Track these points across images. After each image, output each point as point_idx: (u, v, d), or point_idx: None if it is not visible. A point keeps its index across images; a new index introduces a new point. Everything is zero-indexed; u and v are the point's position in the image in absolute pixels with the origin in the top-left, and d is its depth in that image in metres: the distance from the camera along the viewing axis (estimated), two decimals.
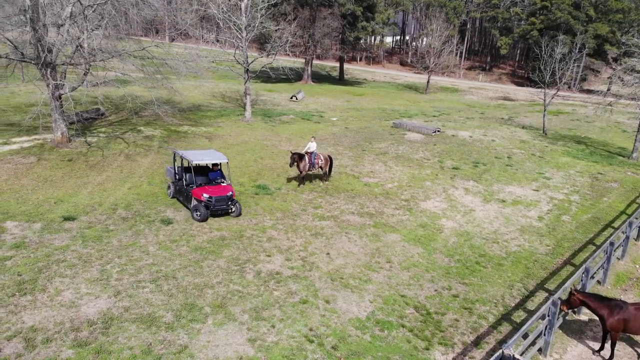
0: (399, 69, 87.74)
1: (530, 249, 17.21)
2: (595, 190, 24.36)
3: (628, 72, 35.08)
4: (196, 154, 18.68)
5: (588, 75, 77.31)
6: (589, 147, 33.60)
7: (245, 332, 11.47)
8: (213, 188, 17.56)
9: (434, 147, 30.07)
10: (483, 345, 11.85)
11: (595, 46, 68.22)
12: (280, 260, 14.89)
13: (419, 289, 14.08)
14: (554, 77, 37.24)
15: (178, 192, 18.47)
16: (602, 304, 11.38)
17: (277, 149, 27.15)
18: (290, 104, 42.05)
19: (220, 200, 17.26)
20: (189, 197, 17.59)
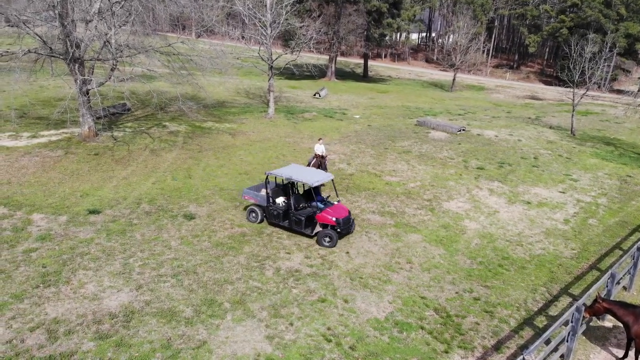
0: (424, 66, 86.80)
1: (555, 252, 16.83)
2: (624, 193, 23.68)
3: None
4: (300, 173, 16.39)
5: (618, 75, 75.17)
6: (618, 149, 32.67)
7: (264, 329, 11.52)
8: (333, 209, 16.11)
9: (459, 146, 29.65)
10: (504, 349, 11.65)
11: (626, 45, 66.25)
12: (300, 258, 14.90)
13: (439, 290, 13.91)
14: (583, 76, 36.28)
15: (276, 217, 16.36)
16: (627, 311, 11.05)
17: (299, 146, 27.17)
18: (313, 101, 42.04)
19: (346, 222, 16.05)
20: (300, 222, 15.82)
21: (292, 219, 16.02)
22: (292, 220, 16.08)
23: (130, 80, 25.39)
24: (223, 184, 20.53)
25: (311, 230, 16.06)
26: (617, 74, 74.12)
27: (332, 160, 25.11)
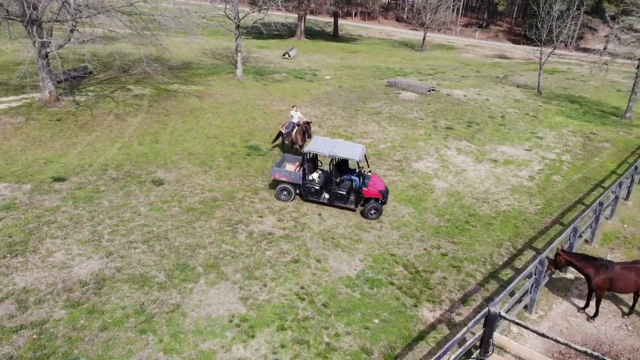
0: (395, 25, 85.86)
1: (520, 208, 17.38)
2: (587, 150, 24.42)
3: (625, 30, 34.49)
4: (341, 149, 15.77)
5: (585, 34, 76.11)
6: (582, 107, 33.44)
7: (238, 291, 11.65)
8: (374, 182, 16.06)
9: (428, 106, 29.81)
10: (470, 302, 12.13)
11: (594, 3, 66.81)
12: (273, 221, 14.98)
13: (408, 248, 14.27)
14: (550, 35, 36.57)
15: (314, 194, 15.97)
16: (589, 263, 11.58)
17: (269, 108, 26.84)
18: (283, 62, 41.29)
19: (386, 193, 16.09)
20: (343, 197, 15.59)
21: (334, 193, 15.69)
22: (333, 195, 15.73)
23: (91, 42, 24.32)
24: (191, 148, 20.23)
25: (355, 204, 15.82)
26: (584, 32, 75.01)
27: None
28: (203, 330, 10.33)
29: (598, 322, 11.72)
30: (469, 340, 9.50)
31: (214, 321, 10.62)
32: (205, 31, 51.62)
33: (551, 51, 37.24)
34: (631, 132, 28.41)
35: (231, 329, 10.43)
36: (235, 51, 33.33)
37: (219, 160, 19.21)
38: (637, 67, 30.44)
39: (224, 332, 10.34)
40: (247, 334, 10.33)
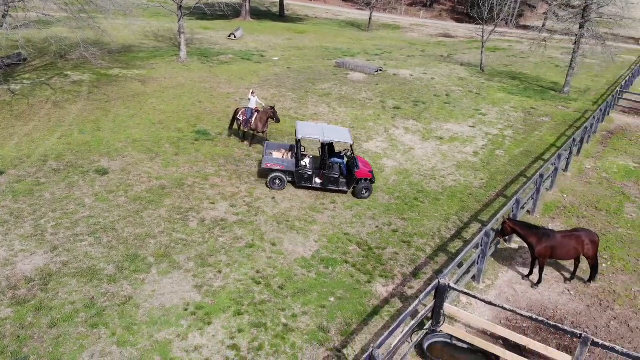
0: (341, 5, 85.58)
1: (465, 183, 18.00)
2: (528, 124, 25.49)
3: (563, 7, 35.88)
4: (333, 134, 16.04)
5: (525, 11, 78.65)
6: (523, 83, 34.75)
7: (191, 279, 11.53)
8: (363, 163, 16.29)
9: (377, 87, 30.11)
10: (421, 275, 12.54)
11: None
12: (225, 207, 14.83)
13: (361, 226, 14.53)
14: (492, 13, 37.61)
15: (307, 179, 15.96)
16: (531, 232, 12.18)
17: (217, 91, 26.30)
18: (229, 43, 40.41)
19: (373, 173, 16.36)
20: (336, 180, 15.84)
21: (327, 177, 15.79)
22: (326, 179, 15.82)
23: (25, 27, 22.92)
24: (136, 135, 19.59)
25: (348, 186, 16.00)
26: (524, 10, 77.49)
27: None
28: (157, 321, 10.19)
29: (542, 289, 12.42)
30: (421, 312, 9.87)
31: (169, 311, 10.48)
32: (146, 13, 49.64)
33: (492, 29, 38.33)
34: (569, 106, 29.85)
35: (186, 318, 10.34)
36: (178, 33, 32.29)
37: (165, 147, 18.73)
38: (574, 43, 31.85)
39: (179, 321, 10.23)
40: (203, 321, 10.28)
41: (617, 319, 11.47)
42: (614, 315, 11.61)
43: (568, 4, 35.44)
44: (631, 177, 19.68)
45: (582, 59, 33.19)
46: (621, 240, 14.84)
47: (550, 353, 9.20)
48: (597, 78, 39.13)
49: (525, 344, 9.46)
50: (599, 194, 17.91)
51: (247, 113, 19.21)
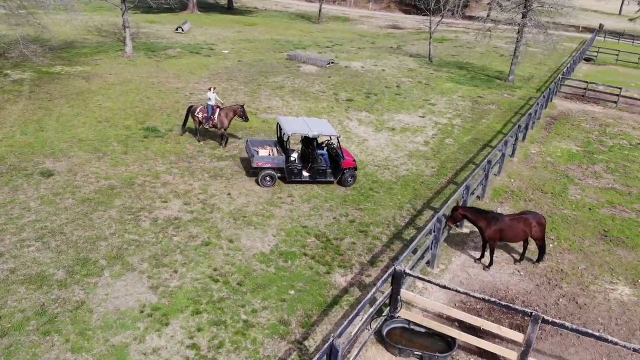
0: None
1: (417, 172, 18.41)
2: (475, 113, 26.29)
3: None
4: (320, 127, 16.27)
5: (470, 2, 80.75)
6: (470, 72, 35.77)
7: (146, 280, 11.26)
8: (346, 153, 16.55)
9: (329, 79, 30.21)
10: (378, 263, 12.77)
11: None
12: (178, 205, 14.53)
13: (319, 218, 14.60)
14: (438, 4, 38.41)
15: (297, 174, 16.22)
16: (481, 216, 12.61)
17: (165, 86, 25.65)
18: (176, 36, 39.43)
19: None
20: (324, 171, 16.24)
21: (316, 169, 16.12)
22: (315, 172, 16.14)
23: None
24: (81, 134, 18.85)
25: (334, 176, 16.41)
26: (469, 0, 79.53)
27: (203, 100, 24.18)
28: (113, 324, 9.91)
29: (493, 271, 12.90)
30: (379, 299, 10.05)
31: (124, 314, 10.21)
32: (88, 7, 47.70)
33: (439, 20, 39.18)
34: (514, 93, 30.99)
35: (143, 320, 10.10)
36: (122, 27, 31.20)
37: (113, 145, 18.13)
38: (518, 32, 33.02)
39: (135, 323, 9.99)
40: (160, 322, 10.07)
41: (565, 297, 12.08)
42: (562, 293, 12.22)
43: None
44: (574, 160, 20.70)
45: (525, 47, 34.45)
46: (566, 221, 15.61)
47: (504, 332, 9.59)
48: (540, 66, 40.80)
49: (479, 324, 9.81)
50: (544, 178, 18.73)
51: (208, 110, 18.66)
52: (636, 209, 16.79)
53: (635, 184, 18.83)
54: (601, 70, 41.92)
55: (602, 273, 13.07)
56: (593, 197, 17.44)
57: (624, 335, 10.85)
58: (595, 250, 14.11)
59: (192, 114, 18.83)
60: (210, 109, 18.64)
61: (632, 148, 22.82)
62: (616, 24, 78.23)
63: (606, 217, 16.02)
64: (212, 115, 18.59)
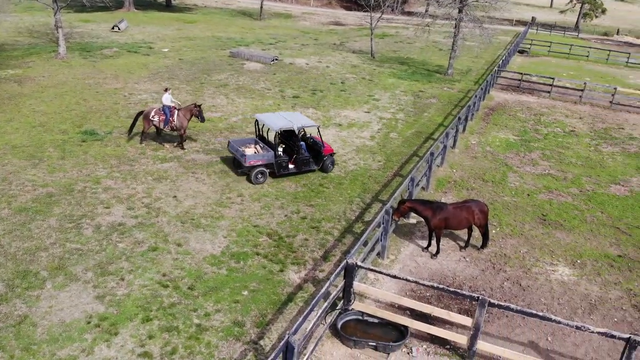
0: None
1: (365, 166, 18.69)
2: (417, 107, 26.97)
3: None
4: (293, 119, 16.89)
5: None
6: (411, 67, 36.63)
7: (92, 290, 10.83)
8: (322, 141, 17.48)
9: (274, 76, 30.07)
10: (331, 258, 12.88)
11: None
12: (122, 211, 14.04)
13: (270, 217, 14.54)
14: (378, 0, 39.04)
15: (285, 167, 16.62)
16: (426, 206, 12.97)
17: (102, 88, 24.67)
18: (113, 36, 37.99)
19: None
20: (308, 161, 16.98)
21: (301, 160, 16.79)
22: (300, 163, 16.81)
23: None
24: (15, 140, 17.82)
25: (317, 164, 17.29)
26: None
27: (144, 100, 23.46)
28: (59, 337, 9.46)
29: (440, 258, 13.31)
30: (333, 293, 10.15)
31: (70, 326, 9.77)
32: (17, 8, 45.09)
33: (380, 16, 39.86)
34: (453, 87, 32.03)
35: (90, 331, 9.71)
36: (55, 27, 29.71)
37: (49, 151, 17.26)
38: (455, 26, 34.11)
39: (82, 335, 9.58)
40: (109, 332, 9.71)
41: (509, 280, 12.65)
42: (506, 276, 12.78)
43: None
44: (512, 149, 21.67)
45: (462, 41, 35.65)
46: (507, 208, 16.33)
47: (453, 317, 9.93)
48: (477, 59, 42.39)
49: (429, 311, 10.11)
50: (484, 167, 19.50)
51: (165, 112, 17.95)
52: (572, 193, 17.81)
53: (570, 169, 19.97)
54: (535, 62, 44.08)
55: (542, 255, 13.78)
56: (531, 183, 18.33)
57: (566, 314, 11.49)
58: (535, 234, 14.85)
59: (146, 118, 18.00)
60: (167, 111, 17.99)
61: (566, 135, 24.18)
62: (548, 17, 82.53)
63: (544, 202, 16.90)
64: (172, 117, 17.97)
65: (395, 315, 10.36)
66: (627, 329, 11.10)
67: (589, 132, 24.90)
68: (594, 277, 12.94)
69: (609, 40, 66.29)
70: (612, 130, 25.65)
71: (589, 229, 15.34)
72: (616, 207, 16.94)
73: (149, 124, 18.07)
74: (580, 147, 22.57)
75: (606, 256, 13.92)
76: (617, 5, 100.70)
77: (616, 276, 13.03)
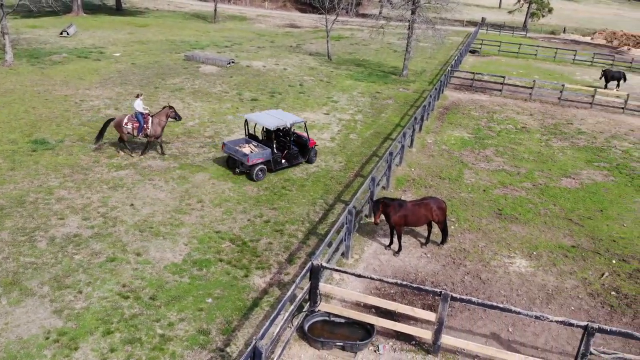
0: None
1: (326, 167, 18.78)
2: (375, 108, 27.33)
3: None
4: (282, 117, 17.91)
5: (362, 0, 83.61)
6: (367, 69, 37.07)
7: (49, 304, 10.41)
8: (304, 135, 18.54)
9: (231, 79, 29.78)
10: (296, 260, 12.86)
11: None
12: (77, 221, 13.56)
13: (232, 222, 14.37)
14: (332, 2, 39.32)
15: (279, 163, 17.69)
16: (387, 205, 13.15)
17: (52, 95, 23.76)
18: (61, 41, 36.66)
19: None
20: (297, 155, 18.28)
21: (291, 155, 18.03)
22: (290, 157, 18.03)
23: None
24: None
25: (304, 156, 18.59)
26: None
27: (96, 106, 22.75)
28: (16, 355, 9.04)
29: (403, 255, 13.53)
30: (299, 296, 10.14)
31: (27, 342, 9.36)
32: None
33: (335, 18, 40.15)
34: (408, 87, 32.63)
35: (49, 347, 9.33)
36: (1, 34, 28.39)
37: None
38: (408, 28, 34.76)
39: (41, 351, 9.19)
40: (68, 347, 9.36)
41: (469, 274, 12.99)
42: (466, 270, 13.12)
43: None
44: (467, 147, 22.28)
45: (416, 43, 36.40)
46: (464, 203, 16.78)
47: (417, 313, 10.11)
48: (430, 60, 43.36)
49: (394, 308, 10.26)
50: (441, 165, 19.96)
51: (139, 119, 17.47)
52: (525, 187, 18.48)
53: (523, 164, 20.71)
54: (485, 61, 45.50)
55: (500, 249, 14.23)
56: (486, 179, 18.91)
57: (525, 305, 11.90)
58: (492, 228, 15.32)
59: (118, 127, 17.49)
60: (141, 118, 17.50)
61: (518, 132, 25.07)
62: (497, 17, 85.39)
63: (499, 197, 17.46)
64: (145, 124, 17.52)
65: (361, 314, 10.46)
66: (584, 316, 11.61)
67: (539, 128, 25.91)
68: (550, 267, 13.47)
69: (556, 39, 69.30)
70: (561, 125, 26.78)
71: (543, 221, 15.96)
72: (568, 199, 17.70)
73: (121, 133, 17.59)
74: (531, 143, 23.45)
75: (560, 247, 14.51)
76: (563, 5, 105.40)
77: (571, 266, 13.61)
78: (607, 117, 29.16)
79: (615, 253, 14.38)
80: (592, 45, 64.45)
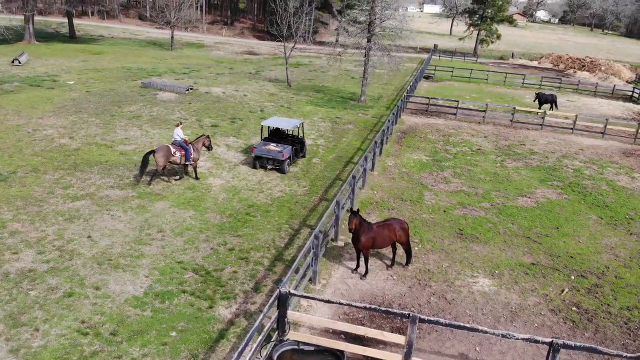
0: (139, 24, 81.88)
1: (291, 192, 18.75)
2: (336, 132, 27.66)
3: (351, 23, 39.85)
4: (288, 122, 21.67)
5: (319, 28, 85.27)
6: (326, 95, 37.60)
7: (5, 343, 9.80)
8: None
9: (190, 105, 29.52)
10: (262, 288, 12.65)
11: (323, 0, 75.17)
12: (32, 255, 12.92)
13: (195, 251, 14.05)
14: (290, 30, 39.93)
15: (294, 157, 21.64)
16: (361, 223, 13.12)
17: (3, 125, 22.84)
18: (13, 69, 35.51)
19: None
20: (300, 150, 22.07)
21: (298, 149, 21.67)
22: (298, 151, 21.72)
23: None
24: None
25: (302, 152, 22.39)
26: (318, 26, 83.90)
27: (49, 135, 22.01)
28: None
29: (370, 279, 13.54)
30: (267, 325, 9.95)
31: None
32: None
33: (293, 46, 40.71)
34: (367, 112, 33.24)
35: None
36: None
37: None
38: (365, 55, 35.61)
39: None
40: None
41: (435, 294, 13.12)
42: (432, 291, 13.25)
43: (355, 20, 39.44)
44: (425, 169, 22.77)
45: (372, 69, 37.26)
46: (426, 224, 17.05)
47: (386, 337, 10.07)
48: (386, 85, 44.46)
49: (363, 333, 10.19)
50: (402, 187, 20.30)
51: (183, 146, 18.30)
52: (484, 207, 18.99)
53: (480, 185, 21.33)
54: (440, 86, 47.04)
55: (463, 268, 14.48)
56: (446, 200, 19.33)
57: (490, 323, 12.10)
58: (454, 248, 15.61)
59: (165, 156, 17.74)
60: (185, 146, 18.37)
61: (474, 153, 25.86)
62: (448, 44, 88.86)
63: (459, 217, 17.85)
64: (190, 153, 18.45)
65: (330, 340, 10.33)
66: (547, 333, 11.89)
67: (494, 150, 26.84)
68: (512, 285, 13.79)
69: (505, 64, 72.64)
70: (514, 146, 27.85)
71: (502, 240, 16.40)
72: (525, 218, 18.29)
73: (166, 161, 17.87)
74: (487, 164, 24.23)
75: (521, 265, 14.91)
76: (511, 31, 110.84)
77: (532, 283, 13.98)
78: (557, 138, 30.55)
79: (573, 269, 14.89)
80: (539, 69, 67.86)
